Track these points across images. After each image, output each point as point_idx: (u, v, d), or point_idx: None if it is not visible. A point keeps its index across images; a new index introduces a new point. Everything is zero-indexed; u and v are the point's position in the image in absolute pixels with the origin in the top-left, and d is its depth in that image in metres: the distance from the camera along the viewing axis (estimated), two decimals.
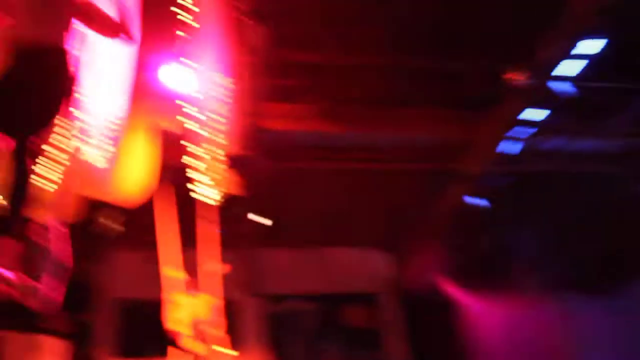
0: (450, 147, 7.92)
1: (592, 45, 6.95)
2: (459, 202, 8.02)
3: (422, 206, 9.33)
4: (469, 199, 7.85)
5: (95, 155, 6.33)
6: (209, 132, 6.61)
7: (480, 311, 10.26)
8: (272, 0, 6.00)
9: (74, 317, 10.22)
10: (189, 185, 7.54)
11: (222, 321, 7.87)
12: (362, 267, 11.67)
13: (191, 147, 6.93)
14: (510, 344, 9.69)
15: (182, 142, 7.41)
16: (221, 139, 6.68)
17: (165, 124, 7.36)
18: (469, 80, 7.63)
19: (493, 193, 8.88)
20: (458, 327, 10.54)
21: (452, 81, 7.82)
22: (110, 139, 6.32)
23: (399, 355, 11.32)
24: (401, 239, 10.62)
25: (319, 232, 10.64)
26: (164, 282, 8.08)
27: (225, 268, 8.18)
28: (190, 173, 7.20)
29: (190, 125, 6.75)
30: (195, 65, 6.07)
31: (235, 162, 6.98)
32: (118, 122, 6.26)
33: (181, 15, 5.68)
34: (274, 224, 8.27)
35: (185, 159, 7.40)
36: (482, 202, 8.24)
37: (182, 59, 6.19)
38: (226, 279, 10.56)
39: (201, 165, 6.90)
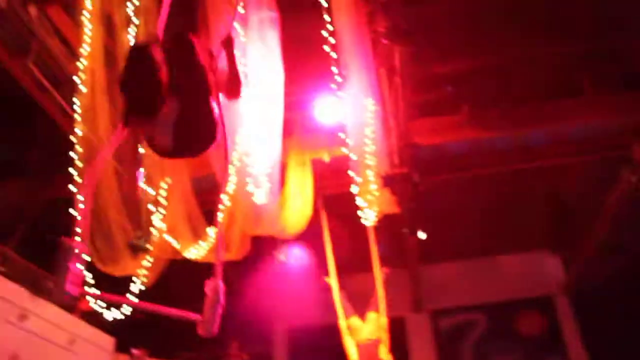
0: (616, 132, 7.40)
1: None
2: (634, 191, 7.42)
3: (591, 200, 8.77)
4: None
5: (257, 193, 6.67)
6: (361, 156, 6.70)
7: None
8: (406, 18, 5.99)
9: (252, 347, 10.79)
10: (347, 210, 7.70)
11: (390, 339, 7.89)
12: (531, 270, 11.18)
13: (346, 173, 7.06)
14: None
15: (336, 169, 7.62)
16: (374, 161, 6.74)
17: (319, 155, 7.61)
18: (631, 60, 7.11)
19: None
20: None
21: (611, 63, 7.32)
22: (269, 176, 6.64)
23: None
24: (571, 236, 10.04)
25: (482, 241, 10.38)
26: (332, 307, 8.28)
27: (386, 276, 8.21)
28: (347, 198, 7.34)
29: (343, 152, 6.88)
30: (343, 94, 6.19)
31: (389, 181, 7.01)
32: (275, 159, 6.56)
33: (327, 47, 5.83)
34: (433, 238, 8.17)
35: (341, 185, 7.57)
36: None
37: (330, 91, 6.36)
38: (393, 297, 10.64)
39: (357, 189, 7.00)
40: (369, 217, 7.43)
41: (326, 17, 5.83)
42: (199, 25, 5.00)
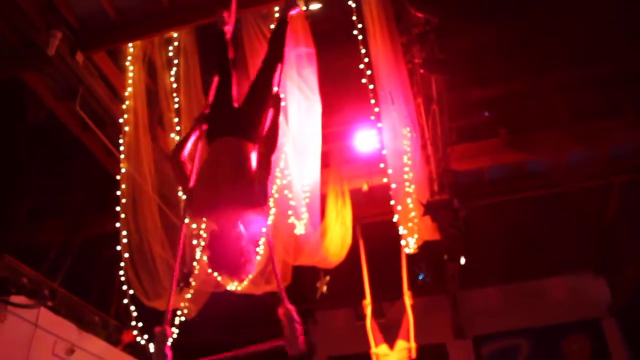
0: None
1: None
2: None
3: (635, 220, 8.60)
4: None
5: (297, 224, 6.70)
6: (401, 184, 6.69)
7: None
8: (441, 47, 6.02)
9: None
10: (386, 239, 7.68)
11: None
12: (576, 293, 10.89)
13: (384, 202, 7.05)
14: None
15: (375, 198, 7.62)
16: (413, 188, 6.73)
17: (357, 185, 7.63)
18: None
19: None
20: None
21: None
22: (309, 207, 6.67)
23: None
24: (616, 258, 9.82)
25: (523, 264, 10.22)
26: (367, 336, 8.27)
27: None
28: (385, 226, 7.32)
29: (381, 181, 6.89)
30: (381, 123, 6.22)
31: (430, 209, 6.97)
32: (315, 190, 6.60)
33: (364, 79, 5.88)
34: (472, 263, 8.09)
35: (380, 214, 7.56)
36: None
37: (368, 121, 6.40)
38: (434, 323, 10.52)
39: (397, 217, 6.97)
40: (409, 244, 7.40)
41: (362, 50, 5.89)
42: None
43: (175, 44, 6.27)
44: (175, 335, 6.82)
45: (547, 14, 6.83)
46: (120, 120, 6.11)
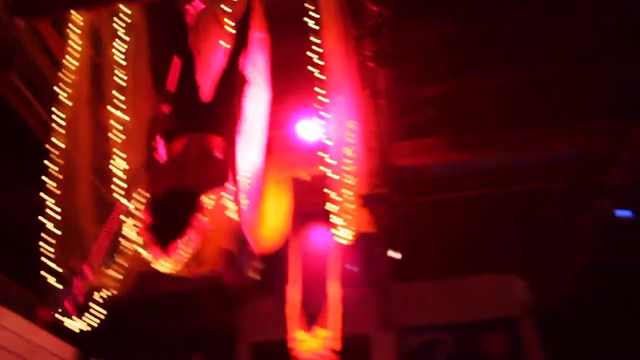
0: (590, 160, 7.57)
1: None
2: (605, 217, 7.61)
3: (562, 226, 8.97)
4: (618, 213, 7.42)
5: (232, 207, 6.60)
6: (340, 176, 6.70)
7: None
8: (392, 42, 6.06)
9: None
10: (322, 229, 7.70)
11: (353, 356, 7.97)
12: (498, 293, 11.29)
13: (323, 192, 7.05)
14: None
15: (314, 187, 7.60)
16: (352, 181, 6.75)
17: (297, 173, 7.59)
18: (607, 89, 7.26)
19: None
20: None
21: (587, 92, 7.46)
22: (247, 192, 6.59)
23: None
24: (541, 261, 10.24)
25: (454, 262, 10.49)
26: (288, 322, 8.32)
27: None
28: (323, 216, 7.33)
29: (322, 171, 6.88)
30: (326, 114, 6.20)
31: (367, 201, 7.03)
32: (254, 175, 6.51)
33: (313, 68, 5.84)
34: (407, 257, 8.25)
35: (319, 204, 7.55)
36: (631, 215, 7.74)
37: (313, 110, 6.36)
38: (359, 314, 10.65)
39: (334, 208, 6.99)
40: (344, 235, 7.44)
41: (315, 40, 5.84)
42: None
43: (124, 17, 6.03)
44: (103, 317, 6.62)
45: (502, 15, 6.91)
46: (59, 92, 5.85)
